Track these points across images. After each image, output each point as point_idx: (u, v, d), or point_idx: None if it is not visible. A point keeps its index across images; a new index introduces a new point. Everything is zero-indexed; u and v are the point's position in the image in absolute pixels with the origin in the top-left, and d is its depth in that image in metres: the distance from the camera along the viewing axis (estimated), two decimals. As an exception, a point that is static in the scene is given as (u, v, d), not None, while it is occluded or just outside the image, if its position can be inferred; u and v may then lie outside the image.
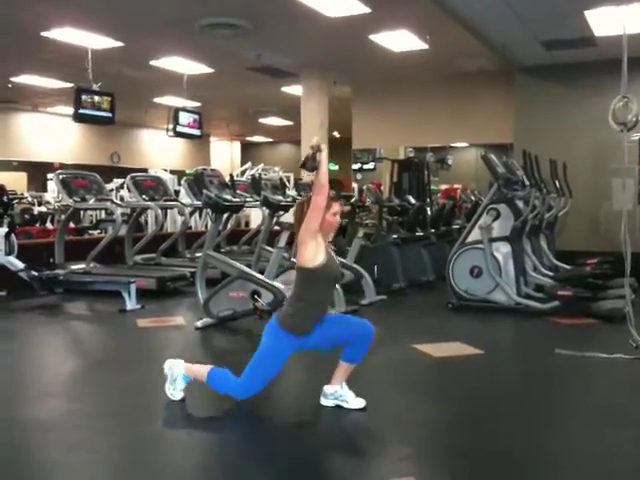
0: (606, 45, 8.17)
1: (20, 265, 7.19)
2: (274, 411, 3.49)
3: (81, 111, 9.07)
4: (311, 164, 3.39)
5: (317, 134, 10.44)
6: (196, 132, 11.21)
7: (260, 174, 11.18)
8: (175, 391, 3.72)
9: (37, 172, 17.31)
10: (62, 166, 15.18)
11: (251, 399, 3.68)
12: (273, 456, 3.13)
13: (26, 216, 12.37)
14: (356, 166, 13.44)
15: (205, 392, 3.71)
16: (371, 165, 14.76)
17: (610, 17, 7.05)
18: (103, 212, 12.36)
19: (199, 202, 7.73)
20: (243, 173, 13.58)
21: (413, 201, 9.22)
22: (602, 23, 7.45)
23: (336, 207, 3.50)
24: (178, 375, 3.71)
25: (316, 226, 3.34)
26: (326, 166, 3.40)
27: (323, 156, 3.38)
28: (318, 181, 3.36)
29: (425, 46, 8.98)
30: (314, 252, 3.37)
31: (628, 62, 5.04)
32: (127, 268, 8.54)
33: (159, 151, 19.20)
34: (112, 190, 11.87)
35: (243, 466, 3.03)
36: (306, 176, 9.34)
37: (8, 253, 7.16)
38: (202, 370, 3.66)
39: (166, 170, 14.57)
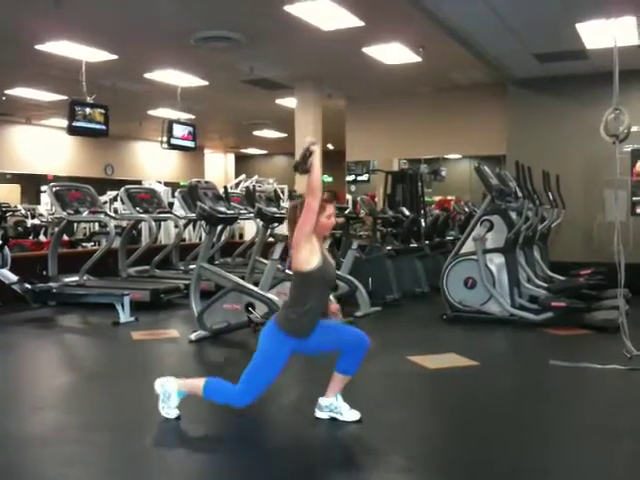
0: (598, 58, 8.24)
1: (13, 278, 7.16)
2: (269, 424, 3.48)
3: (75, 124, 9.08)
4: (302, 167, 3.26)
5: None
6: (190, 144, 11.23)
7: (254, 186, 11.19)
8: (170, 409, 3.64)
9: (30, 184, 17.27)
10: (56, 178, 15.19)
11: (245, 412, 3.66)
12: (268, 470, 3.12)
13: (19, 228, 12.33)
14: (350, 178, 13.45)
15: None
16: (365, 177, 14.76)
17: (601, 30, 7.11)
18: (97, 224, 12.34)
19: (193, 214, 7.72)
20: (237, 185, 13.60)
21: (407, 213, 9.23)
22: (593, 36, 7.51)
23: (330, 209, 3.47)
24: (172, 392, 3.64)
25: (310, 229, 3.31)
26: (318, 169, 3.29)
27: (315, 158, 3.28)
28: (310, 184, 3.28)
29: (418, 59, 9.03)
30: (309, 255, 3.35)
31: (619, 74, 5.08)
32: (121, 280, 8.51)
33: (153, 163, 19.20)
34: (106, 202, 11.85)
35: (239, 478, 3.01)
36: (299, 188, 9.35)
37: (1, 266, 7.14)
38: (197, 383, 3.60)
39: (160, 182, 14.57)
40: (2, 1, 6.95)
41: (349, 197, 13.81)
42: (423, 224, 9.91)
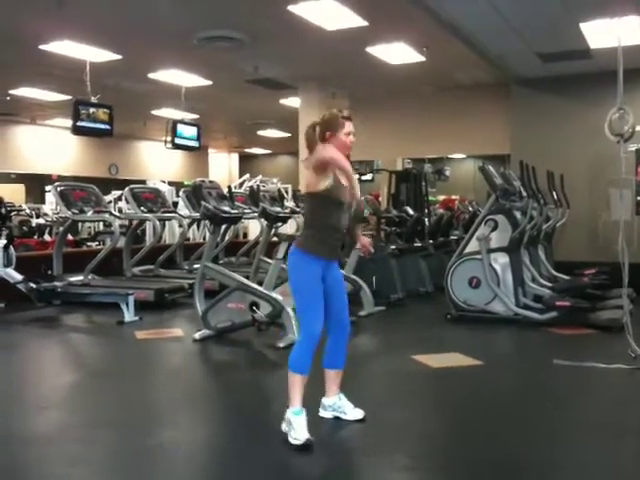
0: (601, 57, 8.23)
1: (18, 277, 7.18)
2: (273, 424, 3.48)
3: (79, 123, 9.10)
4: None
5: None
6: (194, 144, 11.23)
7: (258, 186, 11.19)
8: (296, 434, 3.27)
9: (35, 184, 17.32)
10: (60, 178, 15.20)
11: (248, 411, 3.69)
12: (274, 469, 3.12)
13: (24, 228, 12.35)
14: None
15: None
16: (369, 176, 14.77)
17: (605, 29, 7.09)
18: (101, 224, 12.37)
19: (197, 214, 7.73)
20: (241, 185, 13.61)
21: (411, 212, 9.23)
22: (597, 35, 7.50)
23: (349, 126, 3.48)
24: (289, 417, 3.34)
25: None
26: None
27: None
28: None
29: (422, 58, 9.03)
30: (318, 179, 3.37)
31: (623, 74, 5.08)
32: (125, 280, 8.52)
33: (157, 163, 19.22)
34: (110, 202, 11.87)
35: (242, 478, 3.01)
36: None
37: (6, 265, 7.15)
38: (289, 379, 3.38)
39: (164, 182, 14.59)
40: (6, 1, 6.97)
41: (353, 197, 13.81)
42: (427, 223, 9.90)
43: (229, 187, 7.30)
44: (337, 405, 3.64)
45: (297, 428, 3.27)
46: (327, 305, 3.48)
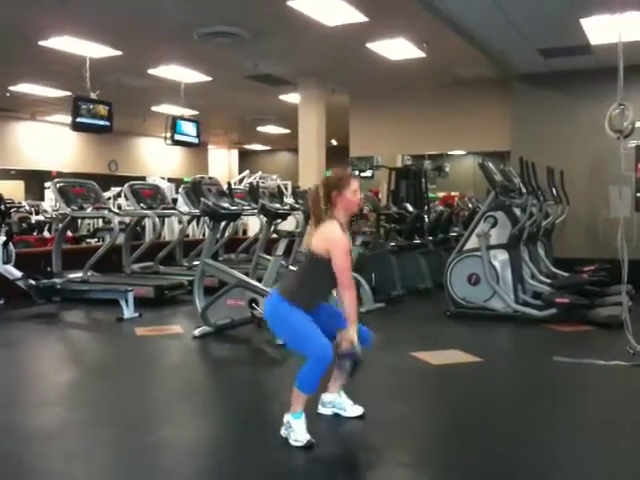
0: (602, 53, 8.21)
1: (18, 274, 7.18)
2: (273, 421, 3.48)
3: (79, 120, 9.08)
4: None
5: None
6: (194, 140, 11.22)
7: (258, 182, 11.19)
8: (297, 436, 3.24)
9: (35, 181, 17.31)
10: (60, 174, 15.20)
11: (248, 408, 3.68)
12: (272, 465, 3.12)
13: (24, 225, 12.36)
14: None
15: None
16: (369, 173, 14.80)
17: (606, 25, 7.08)
18: (101, 220, 12.37)
19: (197, 210, 7.73)
20: (241, 181, 13.61)
21: (411, 209, 9.23)
22: (598, 31, 7.48)
23: (355, 184, 3.38)
24: (288, 420, 3.29)
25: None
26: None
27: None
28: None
29: (422, 54, 9.00)
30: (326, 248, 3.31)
31: (624, 70, 5.07)
32: (125, 276, 8.53)
33: (157, 159, 19.21)
34: (110, 198, 11.87)
35: (241, 475, 3.02)
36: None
37: (6, 262, 7.16)
38: (294, 393, 3.31)
39: (164, 178, 14.59)
40: (6, -3, 6.95)
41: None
42: (427, 220, 9.90)
43: (229, 183, 7.31)
44: (337, 402, 3.64)
45: (297, 430, 3.25)
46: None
